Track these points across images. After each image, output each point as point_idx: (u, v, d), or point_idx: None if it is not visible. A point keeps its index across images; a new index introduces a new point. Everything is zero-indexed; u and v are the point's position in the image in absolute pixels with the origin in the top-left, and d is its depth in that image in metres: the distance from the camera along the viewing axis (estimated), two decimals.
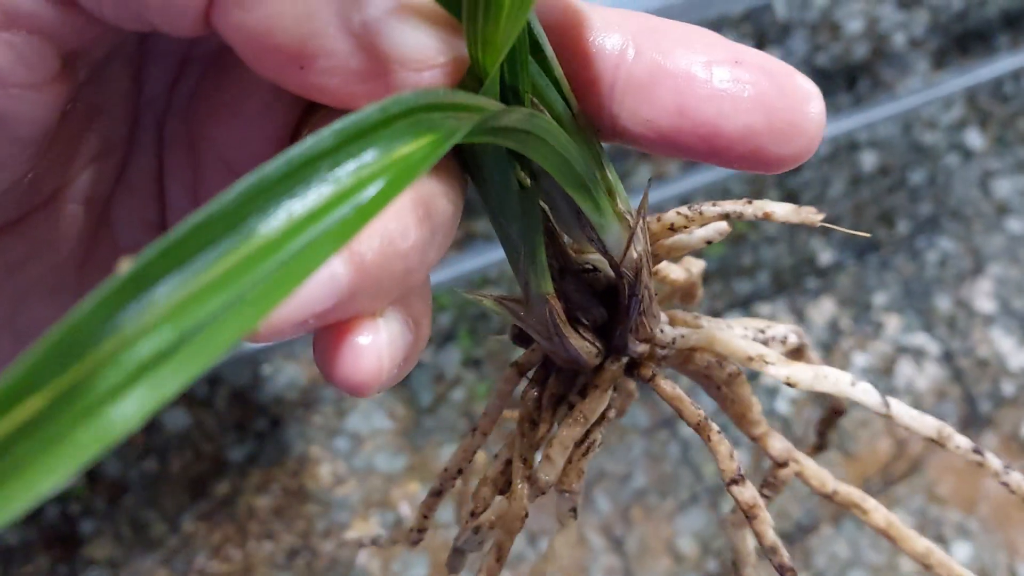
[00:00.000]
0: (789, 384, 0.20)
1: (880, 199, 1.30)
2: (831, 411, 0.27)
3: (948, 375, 1.16)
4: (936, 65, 1.40)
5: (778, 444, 0.22)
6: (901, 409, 0.21)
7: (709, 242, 0.21)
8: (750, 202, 0.21)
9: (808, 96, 0.19)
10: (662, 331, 0.21)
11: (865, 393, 0.20)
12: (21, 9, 0.17)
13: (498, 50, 0.17)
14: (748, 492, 0.21)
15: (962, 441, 0.22)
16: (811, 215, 0.20)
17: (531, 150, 0.18)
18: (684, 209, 0.21)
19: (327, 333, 0.18)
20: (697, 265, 0.24)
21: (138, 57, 0.21)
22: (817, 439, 0.28)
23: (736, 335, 0.21)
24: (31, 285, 0.22)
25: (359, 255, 0.17)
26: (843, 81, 1.38)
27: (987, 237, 1.26)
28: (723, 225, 0.21)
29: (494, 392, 0.22)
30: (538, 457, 0.21)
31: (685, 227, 0.21)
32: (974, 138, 1.33)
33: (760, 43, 1.40)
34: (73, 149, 0.21)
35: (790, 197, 1.29)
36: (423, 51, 0.17)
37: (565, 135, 0.18)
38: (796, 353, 0.23)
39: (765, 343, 0.22)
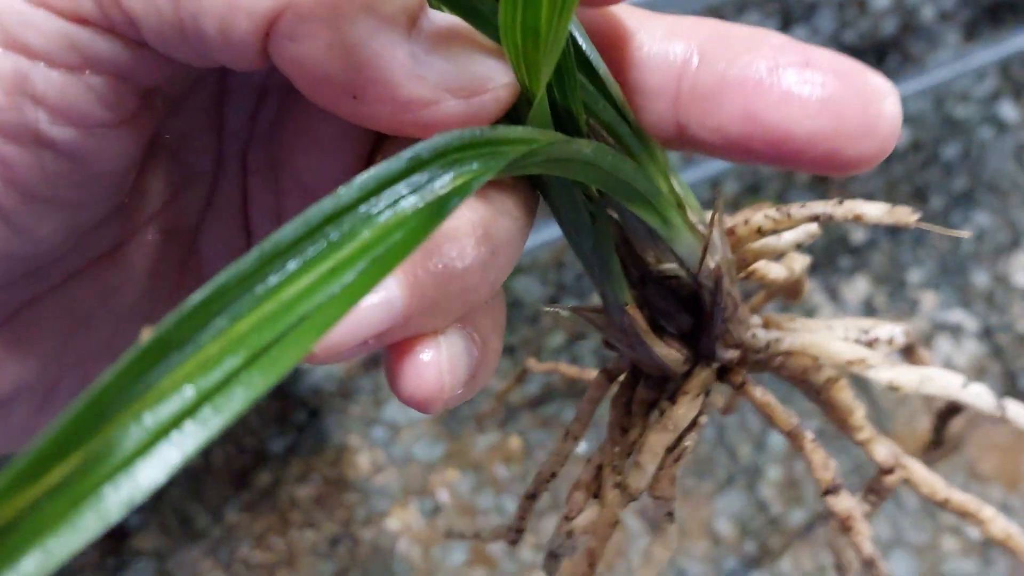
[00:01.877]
0: (893, 388, 0.20)
1: (913, 175, 1.29)
2: (947, 408, 0.27)
3: (987, 351, 1.15)
4: (967, 37, 1.38)
5: (883, 450, 0.22)
6: (1019, 412, 0.21)
7: (799, 245, 0.21)
8: (841, 203, 0.21)
9: (879, 95, 0.19)
10: (754, 335, 0.21)
11: (977, 396, 0.20)
12: (97, 53, 0.18)
13: (541, 71, 0.17)
14: (844, 503, 0.21)
15: None
16: (906, 216, 0.20)
17: (583, 176, 0.18)
18: (771, 212, 0.21)
19: (391, 351, 0.18)
20: (800, 261, 0.24)
21: (219, 90, 0.22)
22: (934, 436, 0.28)
23: (835, 337, 0.21)
24: (127, 311, 0.23)
25: (413, 277, 0.17)
26: (872, 58, 1.36)
27: None
28: (813, 227, 0.21)
29: (585, 397, 0.22)
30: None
31: (773, 230, 0.21)
32: (1008, 110, 1.32)
33: (786, 22, 1.38)
34: (160, 181, 0.22)
35: (821, 179, 1.28)
36: (471, 79, 0.18)
37: (617, 156, 0.19)
38: (907, 352, 0.23)
39: (869, 344, 0.22)
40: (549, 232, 1.02)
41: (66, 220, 0.20)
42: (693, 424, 0.20)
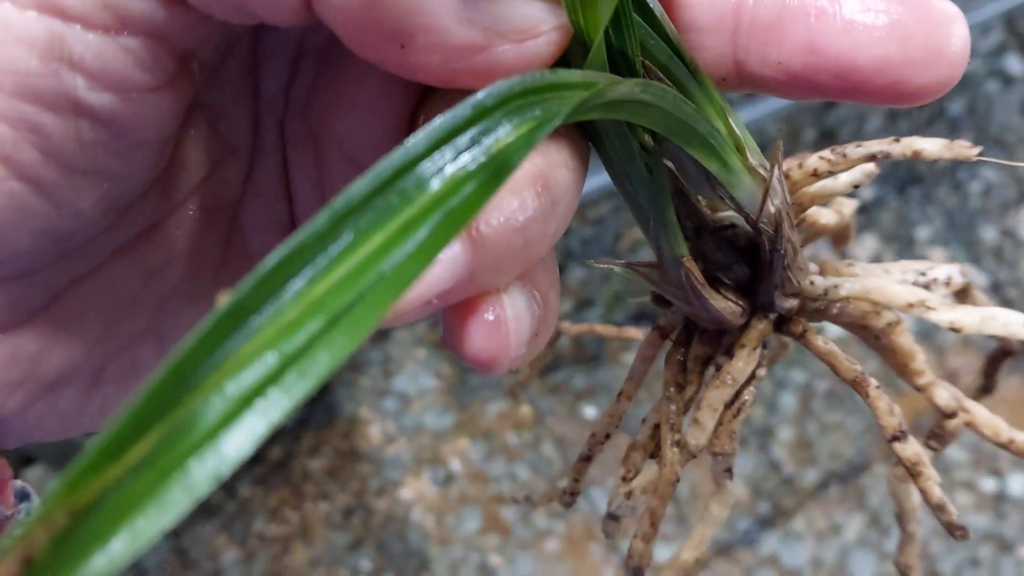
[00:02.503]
0: (954, 330, 0.20)
1: (919, 131, 1.28)
2: (1000, 351, 0.26)
3: (997, 306, 1.15)
4: None
5: (944, 394, 0.22)
6: None
7: (856, 186, 0.21)
8: (897, 140, 0.20)
9: (946, 19, 0.18)
10: (812, 283, 0.20)
11: None
12: (133, 12, 0.17)
13: (599, 13, 0.17)
14: (911, 448, 0.20)
15: None
16: (964, 150, 0.19)
17: (644, 119, 0.18)
18: (827, 153, 0.20)
19: (453, 312, 0.18)
20: (849, 205, 0.23)
21: (252, 57, 0.22)
22: (984, 380, 0.27)
23: (894, 280, 0.20)
24: (170, 292, 0.22)
25: (477, 233, 0.17)
26: None
27: None
28: (870, 167, 0.21)
29: (637, 356, 0.22)
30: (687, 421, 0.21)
31: (829, 172, 0.20)
32: (1014, 63, 1.30)
33: None
34: (198, 154, 0.21)
35: (827, 134, 1.27)
36: (523, 22, 0.17)
37: (679, 97, 0.18)
38: (961, 294, 0.23)
39: (926, 286, 0.21)
40: None
41: (105, 194, 0.19)
42: (752, 377, 0.20)
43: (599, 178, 0.20)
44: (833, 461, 1.09)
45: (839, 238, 0.24)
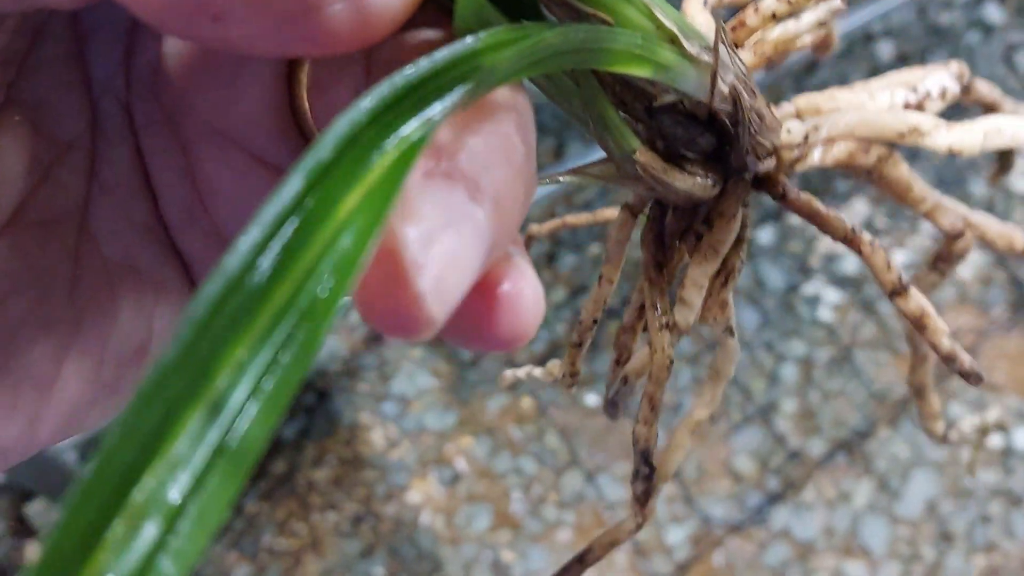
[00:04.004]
0: (954, 153, 0.19)
1: None
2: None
3: (991, 261, 1.14)
4: None
5: (949, 215, 0.20)
6: None
7: (822, 23, 0.19)
8: None
9: None
10: (788, 131, 0.18)
11: None
12: None
13: None
14: (914, 301, 0.19)
15: None
16: None
17: (554, 67, 0.15)
18: None
19: (476, 297, 0.14)
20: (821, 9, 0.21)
21: (74, 34, 0.18)
22: (1000, 160, 0.25)
23: (881, 107, 0.19)
24: (19, 321, 0.18)
25: (491, 192, 0.14)
26: None
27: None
28: (836, 1, 0.19)
29: (610, 238, 0.20)
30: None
31: (790, 14, 0.19)
32: (993, 12, 1.29)
33: None
34: (20, 162, 0.18)
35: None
36: None
37: (589, 28, 0.15)
38: (964, 92, 0.21)
39: (920, 104, 0.20)
40: (539, 190, 1.00)
41: None
42: (738, 241, 0.19)
43: (588, 159, 0.19)
44: (838, 429, 1.08)
45: (820, 47, 0.22)
